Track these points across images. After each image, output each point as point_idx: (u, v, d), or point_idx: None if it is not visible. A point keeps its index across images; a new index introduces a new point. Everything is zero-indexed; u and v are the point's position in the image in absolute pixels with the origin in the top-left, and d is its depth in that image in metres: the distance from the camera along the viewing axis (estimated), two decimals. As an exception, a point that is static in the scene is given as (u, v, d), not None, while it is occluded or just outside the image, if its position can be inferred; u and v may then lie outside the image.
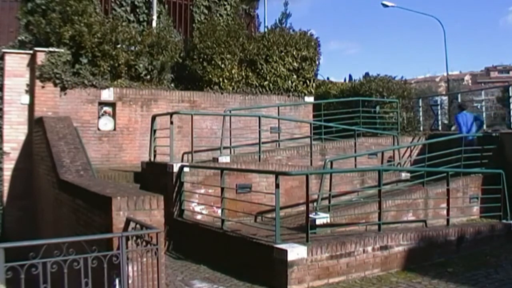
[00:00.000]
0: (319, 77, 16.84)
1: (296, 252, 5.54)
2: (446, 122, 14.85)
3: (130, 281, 4.02)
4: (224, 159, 8.92)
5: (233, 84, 11.82)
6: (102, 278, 3.85)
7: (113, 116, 10.49)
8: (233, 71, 11.79)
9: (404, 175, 10.46)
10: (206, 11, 13.34)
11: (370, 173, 9.51)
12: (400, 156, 11.84)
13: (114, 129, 10.47)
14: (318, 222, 7.14)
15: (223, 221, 6.93)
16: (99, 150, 10.19)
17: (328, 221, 7.40)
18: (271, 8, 52.77)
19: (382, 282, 5.91)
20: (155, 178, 8.42)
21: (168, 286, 5.38)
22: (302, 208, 7.56)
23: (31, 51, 9.80)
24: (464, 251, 7.28)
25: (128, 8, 12.02)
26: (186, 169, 7.91)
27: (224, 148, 10.01)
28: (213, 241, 6.84)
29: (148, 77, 11.01)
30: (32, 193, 9.51)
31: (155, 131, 8.98)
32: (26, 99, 9.82)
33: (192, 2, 13.31)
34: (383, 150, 10.68)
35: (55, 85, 9.68)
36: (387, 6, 24.63)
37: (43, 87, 9.59)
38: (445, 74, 31.87)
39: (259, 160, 9.43)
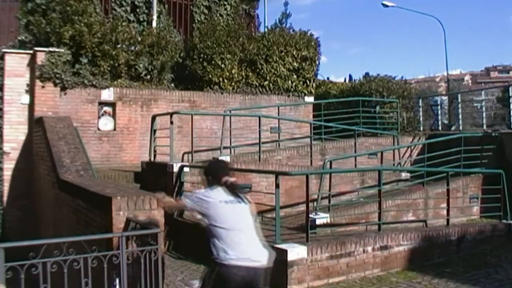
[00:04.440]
0: (319, 77, 16.87)
1: (296, 252, 5.54)
2: (446, 122, 14.85)
3: (130, 281, 4.01)
4: (224, 159, 8.92)
5: (233, 84, 11.82)
6: (102, 278, 3.85)
7: (113, 116, 10.49)
8: (233, 71, 11.79)
9: (404, 175, 10.46)
10: (206, 11, 13.35)
11: (370, 173, 9.51)
12: (400, 156, 11.84)
13: (114, 129, 10.47)
14: (318, 222, 7.15)
15: (223, 221, 6.92)
16: (99, 150, 10.19)
17: (328, 221, 7.40)
18: (271, 8, 52.79)
19: (382, 282, 5.91)
20: (155, 178, 8.42)
21: (168, 286, 5.38)
22: (302, 208, 7.55)
23: (31, 51, 9.80)
24: (464, 251, 7.28)
25: (128, 8, 12.02)
26: (186, 169, 7.91)
27: (224, 148, 10.01)
28: (213, 241, 6.82)
29: (148, 77, 11.01)
30: (32, 193, 9.51)
31: (155, 131, 8.98)
32: (26, 99, 9.81)
33: (192, 2, 13.31)
34: (383, 150, 10.67)
35: (55, 85, 9.67)
36: (387, 6, 24.61)
37: (43, 87, 9.59)
38: (445, 74, 31.88)
39: (259, 160, 9.43)
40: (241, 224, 3.50)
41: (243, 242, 3.44)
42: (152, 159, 9.00)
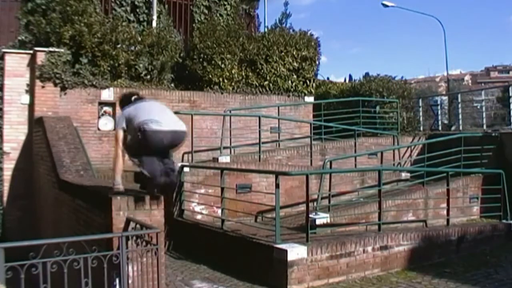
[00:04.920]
0: (319, 77, 16.87)
1: (296, 252, 5.54)
2: (446, 122, 14.86)
3: (130, 281, 4.02)
4: (224, 159, 8.93)
5: (233, 84, 11.81)
6: (102, 278, 3.85)
7: (113, 116, 10.48)
8: (233, 71, 11.79)
9: (404, 175, 10.47)
10: (206, 11, 13.34)
11: (370, 173, 9.52)
12: (400, 156, 11.84)
13: (114, 129, 10.44)
14: (318, 222, 7.15)
15: (223, 221, 6.93)
16: (99, 150, 10.18)
17: (328, 221, 7.40)
18: (271, 8, 52.81)
19: (382, 282, 5.91)
20: (155, 178, 8.40)
21: (168, 286, 5.38)
22: (302, 208, 7.56)
23: (31, 51, 9.80)
24: (464, 251, 7.28)
25: (128, 8, 12.02)
26: (186, 169, 7.92)
27: (224, 148, 10.01)
28: (213, 241, 6.84)
29: (148, 77, 11.01)
30: (32, 193, 9.51)
31: (155, 131, 8.96)
32: (26, 99, 9.81)
33: (192, 2, 13.30)
34: (383, 150, 10.68)
35: (55, 85, 9.67)
36: (387, 6, 24.62)
37: (43, 87, 9.58)
38: (445, 74, 31.88)
39: (259, 160, 9.44)
40: (157, 108, 4.67)
41: (162, 118, 4.45)
42: (152, 159, 8.98)
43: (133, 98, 4.80)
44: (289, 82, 12.49)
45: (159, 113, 4.52)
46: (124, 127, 4.54)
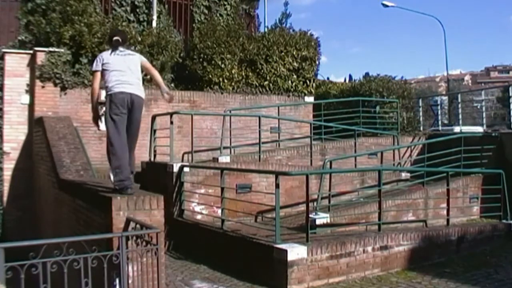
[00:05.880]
0: (319, 77, 16.88)
1: (296, 252, 5.53)
2: (446, 122, 14.88)
3: (130, 281, 4.02)
4: (224, 159, 8.92)
5: (233, 84, 11.82)
6: (102, 278, 3.85)
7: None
8: (233, 71, 11.79)
9: (404, 175, 10.46)
10: (206, 11, 13.35)
11: (370, 173, 9.51)
12: (400, 156, 11.84)
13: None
14: (318, 222, 7.15)
15: (223, 221, 6.93)
16: (99, 150, 10.16)
17: (328, 221, 7.40)
18: (271, 8, 52.87)
19: (382, 282, 5.91)
20: (155, 178, 8.41)
21: (168, 286, 5.38)
22: (302, 208, 7.56)
23: (31, 51, 9.80)
24: (464, 251, 7.28)
25: (128, 8, 12.02)
26: (186, 169, 7.91)
27: (224, 148, 10.01)
28: (213, 241, 6.83)
29: (148, 77, 10.98)
30: (32, 193, 9.51)
31: (155, 131, 8.98)
32: (26, 99, 9.82)
33: (192, 2, 13.31)
34: (383, 150, 10.68)
35: (55, 85, 9.67)
36: (387, 6, 24.65)
37: (43, 87, 9.59)
38: (445, 74, 31.90)
39: (259, 160, 9.43)
40: (124, 67, 4.98)
41: (124, 80, 4.92)
42: (152, 159, 8.99)
43: (114, 39, 5.08)
44: (289, 82, 12.49)
45: (127, 76, 4.95)
46: (100, 70, 5.00)
